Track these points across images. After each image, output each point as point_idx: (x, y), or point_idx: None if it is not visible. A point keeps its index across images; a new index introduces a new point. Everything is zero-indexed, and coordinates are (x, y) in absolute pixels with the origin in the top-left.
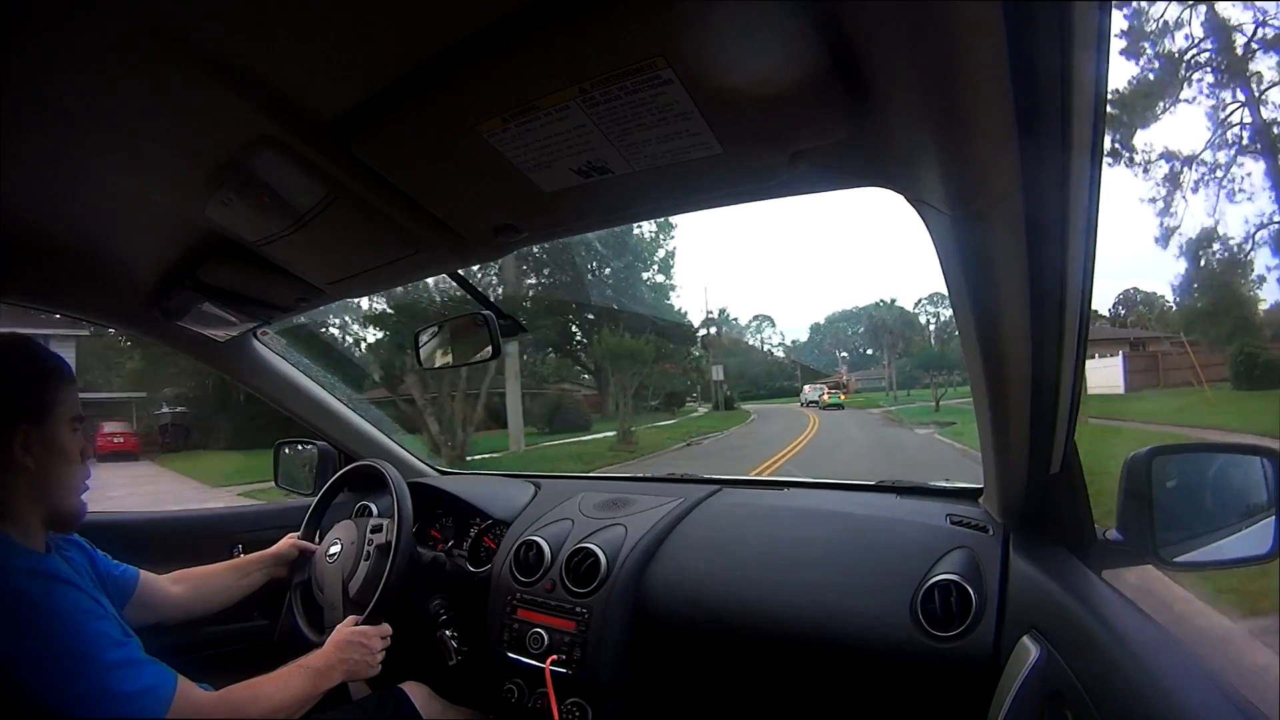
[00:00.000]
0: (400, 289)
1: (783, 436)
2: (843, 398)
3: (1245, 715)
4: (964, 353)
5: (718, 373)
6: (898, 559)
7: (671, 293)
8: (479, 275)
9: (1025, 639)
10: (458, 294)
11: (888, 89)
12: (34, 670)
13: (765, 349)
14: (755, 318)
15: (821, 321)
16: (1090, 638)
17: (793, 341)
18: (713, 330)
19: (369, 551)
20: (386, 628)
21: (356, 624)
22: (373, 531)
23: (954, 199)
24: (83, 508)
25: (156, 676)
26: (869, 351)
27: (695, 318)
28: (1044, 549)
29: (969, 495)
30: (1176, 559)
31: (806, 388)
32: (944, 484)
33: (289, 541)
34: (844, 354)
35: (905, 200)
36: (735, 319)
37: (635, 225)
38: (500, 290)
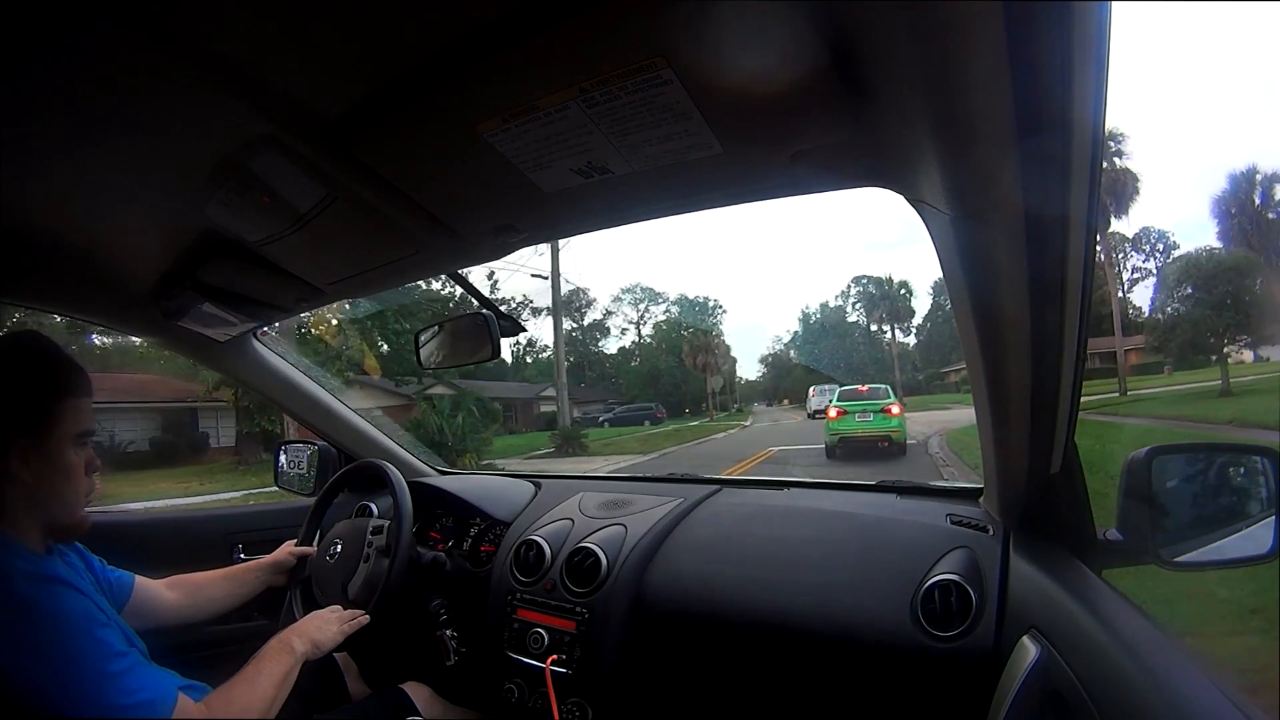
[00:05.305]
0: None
1: None
2: (897, 410)
3: (1245, 715)
4: (964, 352)
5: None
6: (898, 559)
7: None
8: None
9: (1025, 639)
10: None
11: (888, 89)
12: (35, 675)
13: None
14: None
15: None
16: (1090, 638)
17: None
18: None
19: (369, 554)
20: (357, 613)
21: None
22: (373, 533)
23: (954, 199)
24: (84, 521)
25: (156, 691)
26: None
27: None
28: (1044, 549)
29: (969, 495)
30: (1177, 559)
31: (812, 390)
32: (944, 484)
33: (286, 550)
34: None
35: (905, 200)
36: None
37: None
38: None
